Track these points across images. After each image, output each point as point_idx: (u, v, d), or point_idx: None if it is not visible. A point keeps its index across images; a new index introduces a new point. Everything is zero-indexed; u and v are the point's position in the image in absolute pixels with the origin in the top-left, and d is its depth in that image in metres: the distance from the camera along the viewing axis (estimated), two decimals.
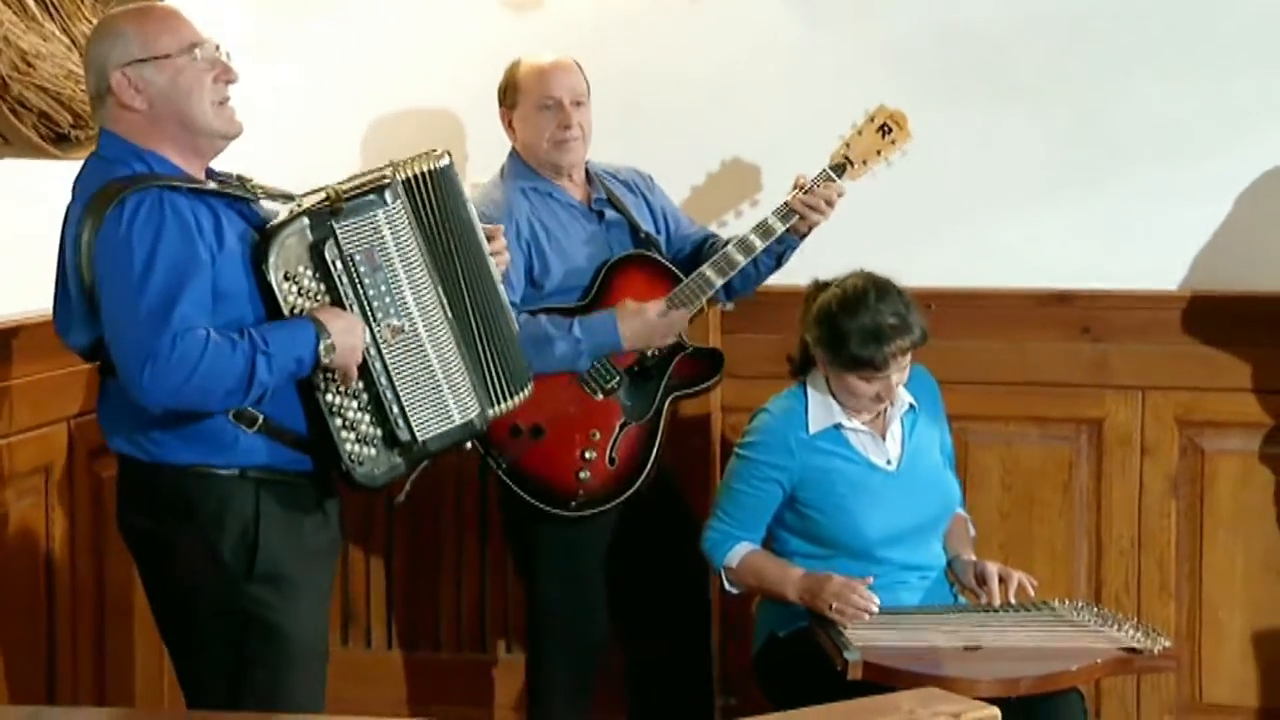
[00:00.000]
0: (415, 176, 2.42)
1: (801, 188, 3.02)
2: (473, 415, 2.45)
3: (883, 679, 2.49)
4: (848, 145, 3.03)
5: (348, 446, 2.37)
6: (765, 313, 3.22)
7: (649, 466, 3.00)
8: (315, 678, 2.40)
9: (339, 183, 2.38)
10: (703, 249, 3.14)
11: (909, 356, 2.74)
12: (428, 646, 3.62)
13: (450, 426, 2.42)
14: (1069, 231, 3.40)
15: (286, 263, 2.32)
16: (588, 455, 3.00)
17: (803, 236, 3.06)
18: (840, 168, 3.03)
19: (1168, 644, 2.60)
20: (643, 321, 2.97)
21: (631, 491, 3.00)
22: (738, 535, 2.83)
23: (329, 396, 2.36)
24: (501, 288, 2.57)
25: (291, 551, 2.36)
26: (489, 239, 2.56)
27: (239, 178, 2.43)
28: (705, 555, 2.86)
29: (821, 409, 2.81)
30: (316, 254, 2.33)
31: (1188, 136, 3.31)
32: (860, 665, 2.52)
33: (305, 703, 2.34)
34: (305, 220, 2.35)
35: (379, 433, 2.39)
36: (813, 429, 2.80)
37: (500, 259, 2.59)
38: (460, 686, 3.57)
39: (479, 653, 3.61)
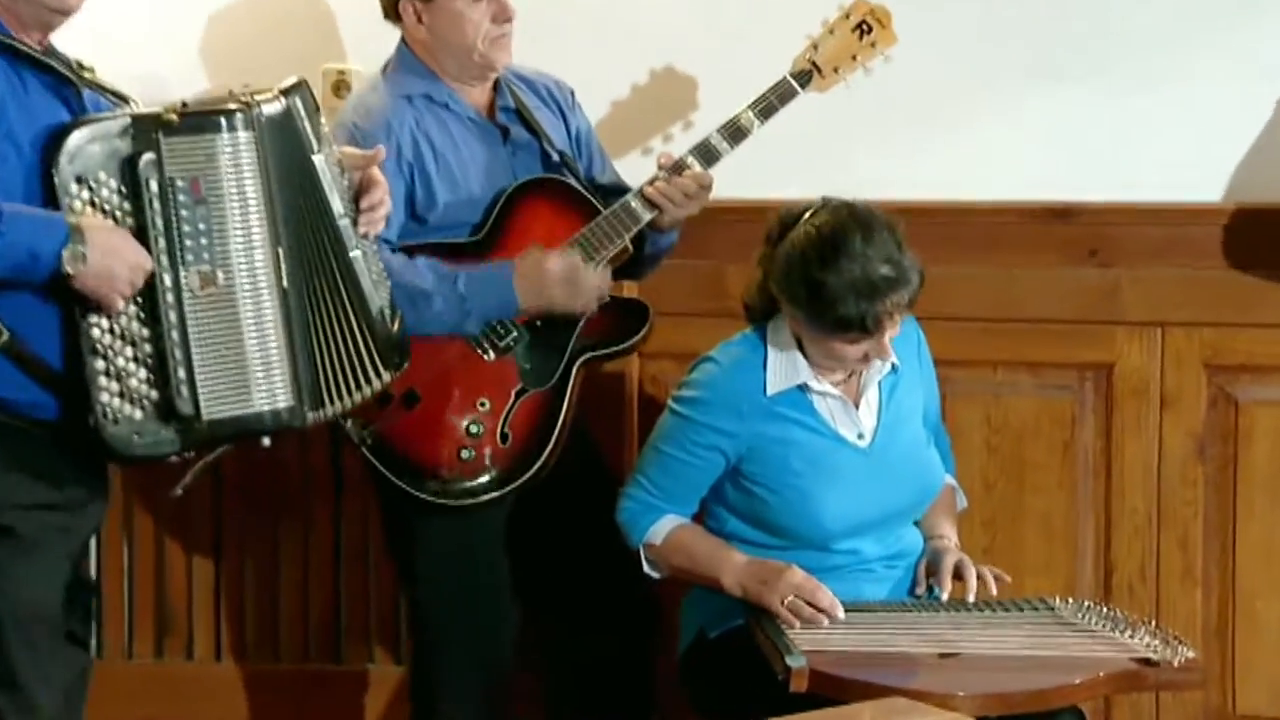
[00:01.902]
0: (280, 112, 2.53)
1: (662, 168, 3.05)
2: (281, 406, 2.54)
3: (833, 692, 2.53)
4: (815, 48, 3.06)
5: (105, 397, 2.45)
6: (693, 232, 3.24)
7: (551, 444, 3.04)
8: (38, 646, 2.57)
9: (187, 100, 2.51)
10: (608, 201, 3.17)
11: (903, 313, 2.76)
12: (266, 656, 3.69)
13: (246, 412, 2.53)
14: (1069, 132, 3.45)
15: (86, 165, 2.42)
16: (473, 429, 3.04)
17: (664, 233, 3.11)
18: (805, 76, 3.06)
19: (1191, 654, 2.63)
20: (549, 280, 3.01)
21: (529, 476, 3.05)
22: (663, 507, 2.88)
23: (95, 331, 2.44)
24: (364, 265, 2.64)
25: (16, 501, 2.50)
26: (365, 186, 2.65)
27: (78, 63, 2.53)
28: (620, 528, 2.90)
29: (784, 365, 2.82)
30: (129, 166, 2.44)
31: (1216, 10, 3.39)
32: (805, 674, 2.54)
33: (27, 670, 2.53)
34: (127, 123, 2.46)
35: (154, 394, 2.47)
36: (771, 389, 2.81)
37: (376, 214, 2.69)
38: (311, 704, 3.66)
39: (333, 663, 3.69)
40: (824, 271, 2.71)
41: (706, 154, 3.08)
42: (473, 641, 3.12)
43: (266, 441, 2.57)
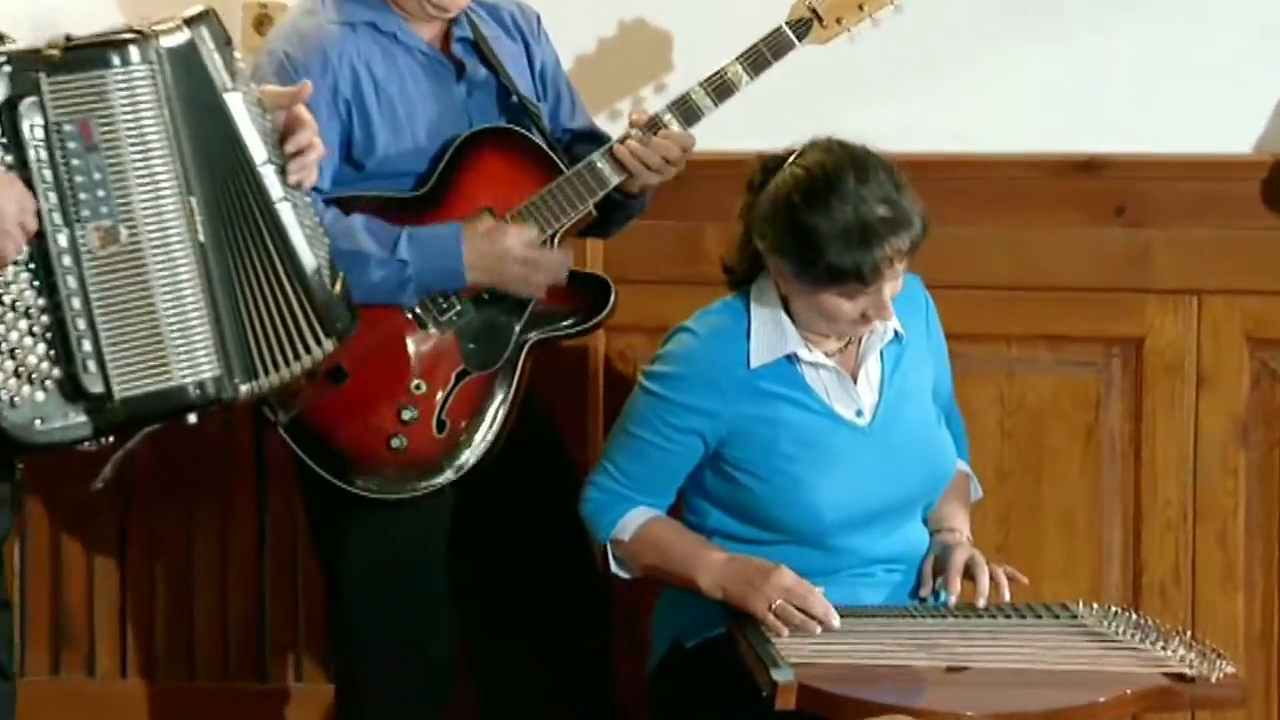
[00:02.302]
0: (183, 44, 2.47)
1: (635, 125, 3.00)
2: (205, 376, 2.47)
3: (826, 710, 2.51)
4: None
5: None
6: (667, 189, 3.18)
7: (494, 436, 3.01)
8: None
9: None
10: (575, 151, 3.12)
11: (905, 260, 2.73)
12: (178, 673, 3.65)
13: (166, 386, 2.45)
14: (1095, 74, 3.42)
15: None
16: (406, 415, 3.00)
17: (634, 198, 3.05)
18: (803, 25, 3.01)
19: (1230, 668, 2.62)
20: (502, 252, 2.97)
21: (467, 470, 3.01)
22: (634, 498, 2.85)
23: None
24: (294, 218, 2.59)
25: None
26: (290, 127, 2.59)
27: None
28: (585, 523, 2.88)
29: (769, 333, 2.81)
30: (7, 111, 2.37)
31: None
32: (793, 689, 2.52)
33: None
34: (2, 61, 2.39)
35: (56, 372, 2.41)
36: (755, 361, 2.80)
37: (307, 159, 2.61)
38: None
39: (255, 681, 3.64)
40: (813, 214, 2.68)
41: (687, 111, 3.01)
42: (405, 655, 3.10)
43: (193, 418, 2.49)
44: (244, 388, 2.53)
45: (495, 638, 3.24)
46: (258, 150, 2.56)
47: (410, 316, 3.01)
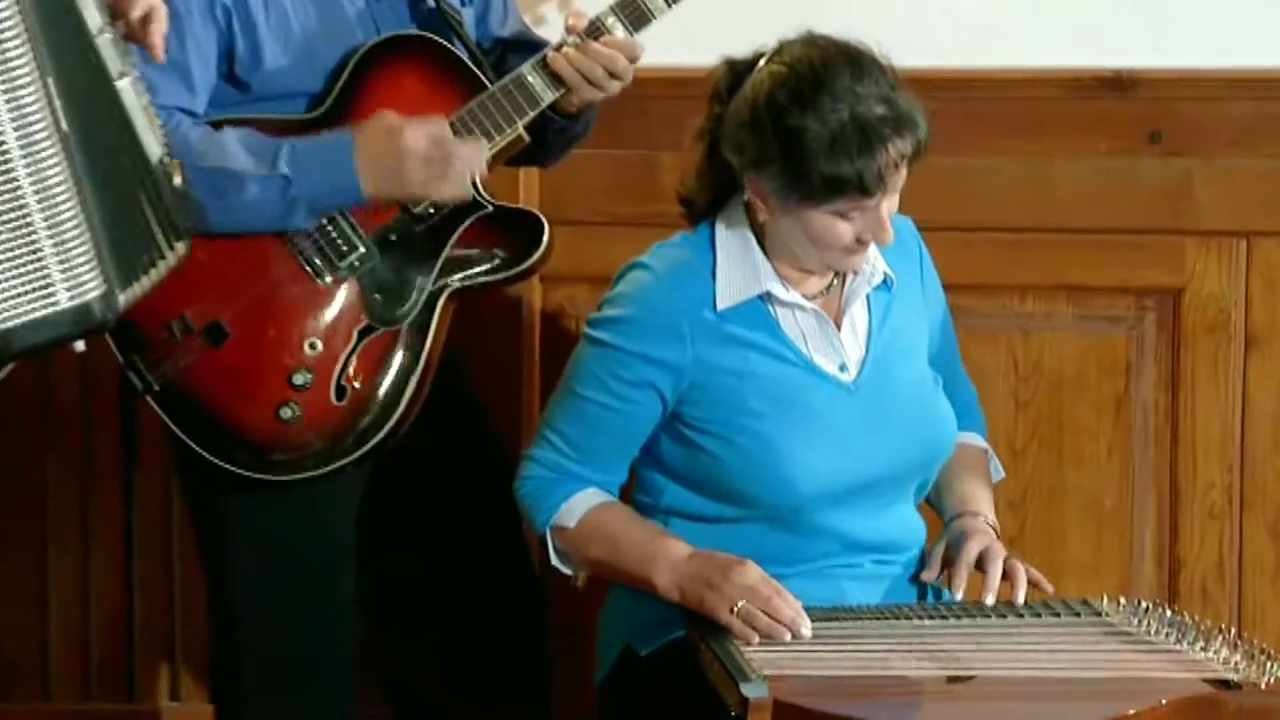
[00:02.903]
0: None
1: (573, 31, 3.02)
2: (91, 296, 2.43)
3: None
4: None
5: None
6: (613, 110, 3.13)
7: (405, 404, 3.02)
8: None
9: None
10: (507, 63, 3.14)
11: (905, 170, 2.74)
12: (31, 692, 3.64)
13: (50, 312, 2.41)
14: None
15: None
16: (299, 380, 2.98)
17: (574, 119, 3.07)
18: None
19: None
20: (403, 152, 2.95)
21: (372, 446, 3.02)
22: (581, 475, 2.85)
23: None
24: (134, 99, 2.56)
25: None
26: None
27: None
28: (521, 506, 2.89)
29: (740, 269, 2.81)
30: None
31: None
32: (767, 706, 2.49)
33: None
34: None
35: None
36: (723, 302, 2.80)
37: (151, 28, 2.56)
38: None
39: (120, 701, 3.63)
40: (804, 116, 2.68)
41: (634, 14, 3.02)
42: (301, 669, 3.09)
43: (80, 346, 2.45)
44: (123, 299, 2.49)
45: (410, 648, 3.26)
46: (92, 16, 2.50)
47: (303, 264, 2.99)
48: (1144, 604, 2.78)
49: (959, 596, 2.80)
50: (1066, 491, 3.46)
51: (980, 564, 2.82)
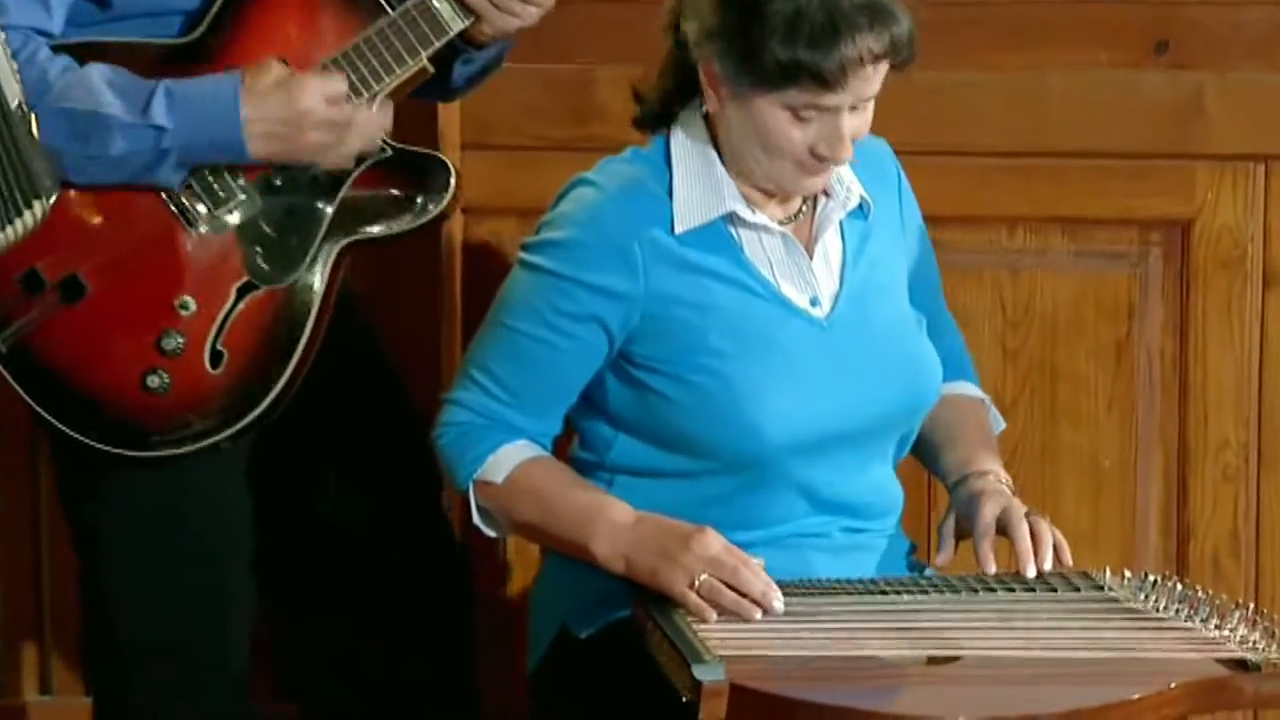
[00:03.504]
0: None
1: None
2: None
3: (766, 719, 2.52)
4: None
5: None
6: (543, 20, 3.06)
7: (290, 372, 3.01)
8: None
9: None
10: None
11: (883, 72, 2.75)
12: None
13: None
14: None
15: None
16: (169, 344, 2.98)
17: (484, 49, 3.07)
18: None
19: None
20: (294, 111, 2.96)
21: (252, 419, 3.01)
22: (512, 422, 2.86)
23: None
24: None
25: None
26: None
27: None
28: (440, 457, 2.89)
29: (699, 186, 2.83)
30: None
31: None
32: (724, 692, 2.49)
33: None
34: None
35: None
36: (681, 225, 2.81)
37: None
38: None
39: None
40: None
41: (459, 6, 3.02)
42: (187, 661, 3.10)
43: None
44: None
45: (312, 636, 3.26)
46: None
47: (174, 210, 2.97)
48: (1150, 577, 2.78)
49: (990, 570, 2.79)
50: (1061, 451, 3.46)
51: (1001, 529, 2.81)
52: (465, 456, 2.83)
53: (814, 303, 2.82)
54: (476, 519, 2.85)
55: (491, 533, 2.87)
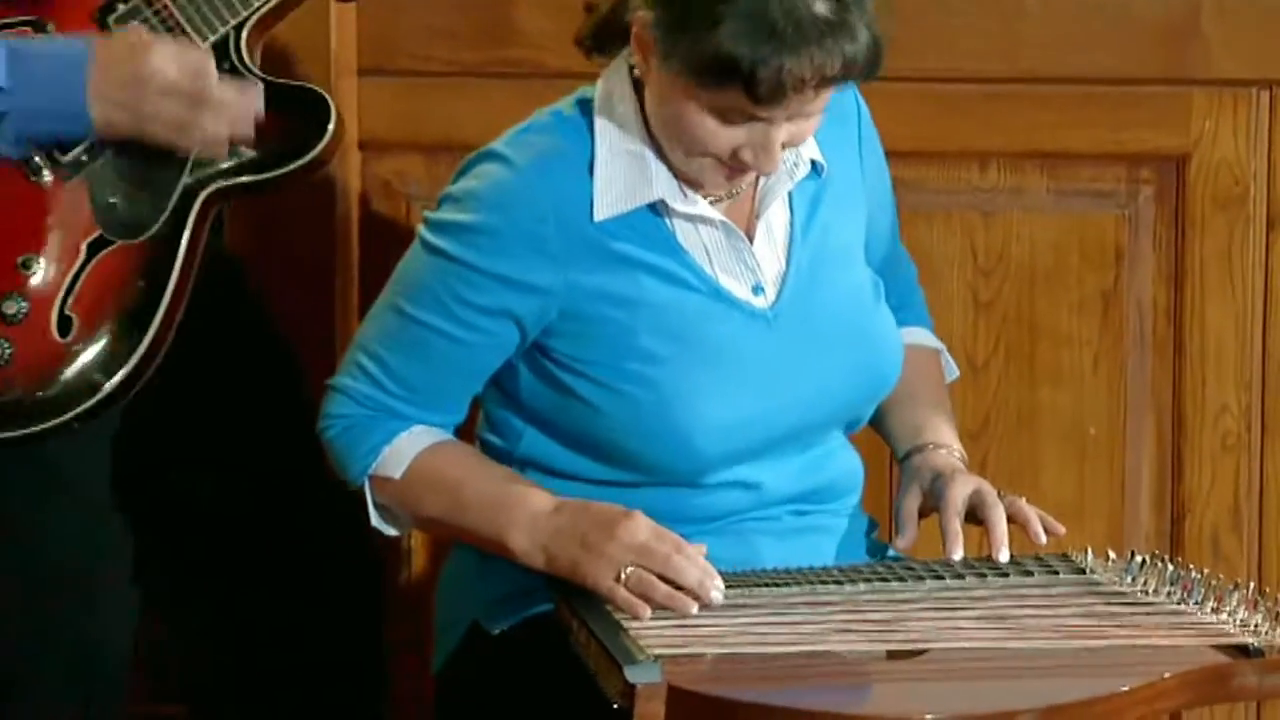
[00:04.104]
0: None
1: None
2: None
3: None
4: None
5: None
6: None
7: (152, 337, 3.00)
8: None
9: None
10: None
11: (824, 97, 2.74)
12: None
13: None
14: None
15: None
16: (9, 309, 2.98)
17: None
18: None
19: None
20: (146, 82, 2.96)
21: (109, 392, 2.99)
22: (407, 414, 2.87)
23: None
24: None
25: None
26: None
27: None
28: (329, 452, 2.89)
29: (625, 167, 2.83)
30: None
31: None
32: (660, 695, 2.48)
33: None
34: None
35: None
36: (603, 209, 2.80)
37: None
38: None
39: None
40: None
41: None
42: (56, 663, 3.11)
43: None
44: None
45: (200, 634, 3.26)
46: None
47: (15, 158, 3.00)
48: (1138, 558, 2.79)
49: (958, 555, 2.79)
50: (1041, 416, 3.47)
51: (973, 514, 2.81)
52: (356, 451, 2.84)
53: (757, 291, 2.82)
54: (375, 518, 2.85)
55: (393, 531, 2.87)
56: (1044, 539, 2.82)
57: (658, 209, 2.80)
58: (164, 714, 3.29)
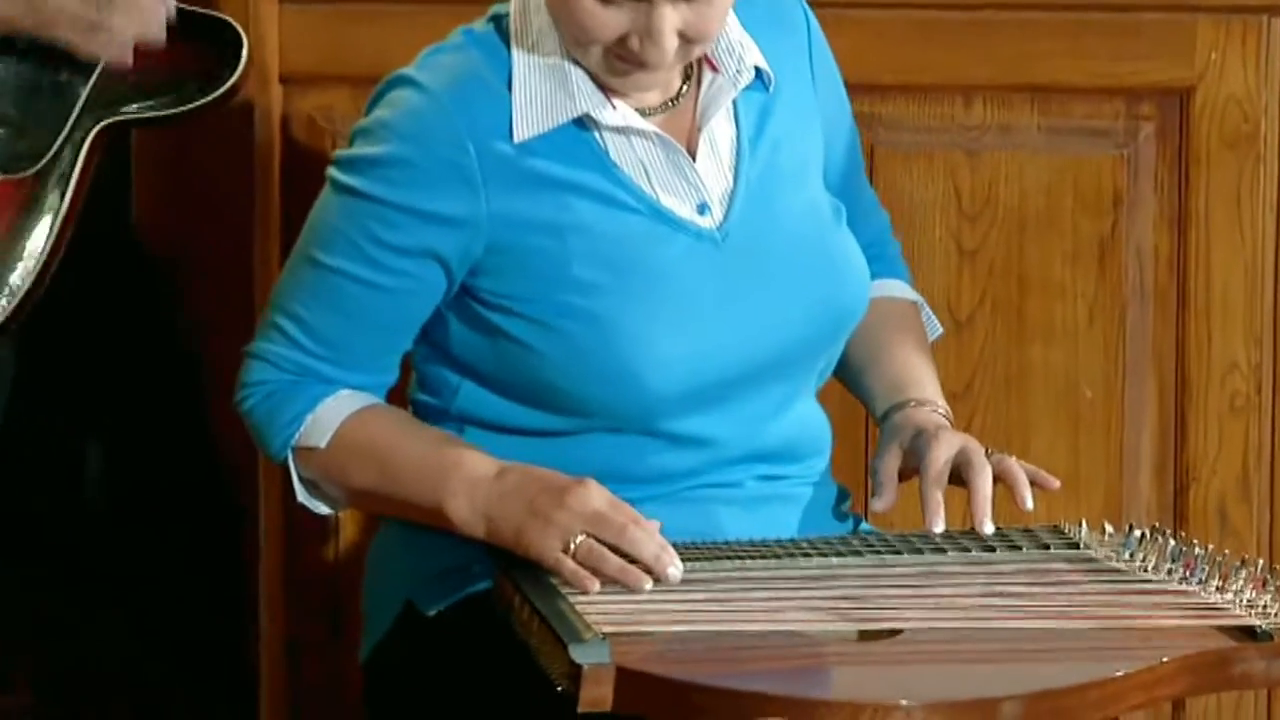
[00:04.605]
0: None
1: None
2: None
3: (662, 709, 2.50)
4: None
5: None
6: None
7: (32, 278, 3.01)
8: None
9: None
10: None
11: None
12: None
13: None
14: None
15: None
16: None
17: None
18: None
19: None
20: None
21: None
22: (330, 377, 2.87)
23: None
24: None
25: None
26: None
27: None
28: (247, 422, 2.89)
29: (543, 79, 2.84)
30: None
31: None
32: (609, 676, 2.48)
33: None
34: None
35: None
36: (523, 130, 2.82)
37: None
38: None
39: None
40: None
41: None
42: None
43: None
44: None
45: (71, 621, 3.35)
46: None
47: None
48: (1136, 531, 2.79)
49: (939, 529, 2.78)
50: (1031, 376, 3.48)
51: (957, 474, 2.81)
52: (277, 420, 2.83)
53: (702, 210, 2.82)
54: (301, 495, 2.86)
55: (323, 509, 2.87)
56: (1029, 504, 2.81)
57: (585, 124, 2.80)
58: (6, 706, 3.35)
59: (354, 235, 2.79)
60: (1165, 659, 2.53)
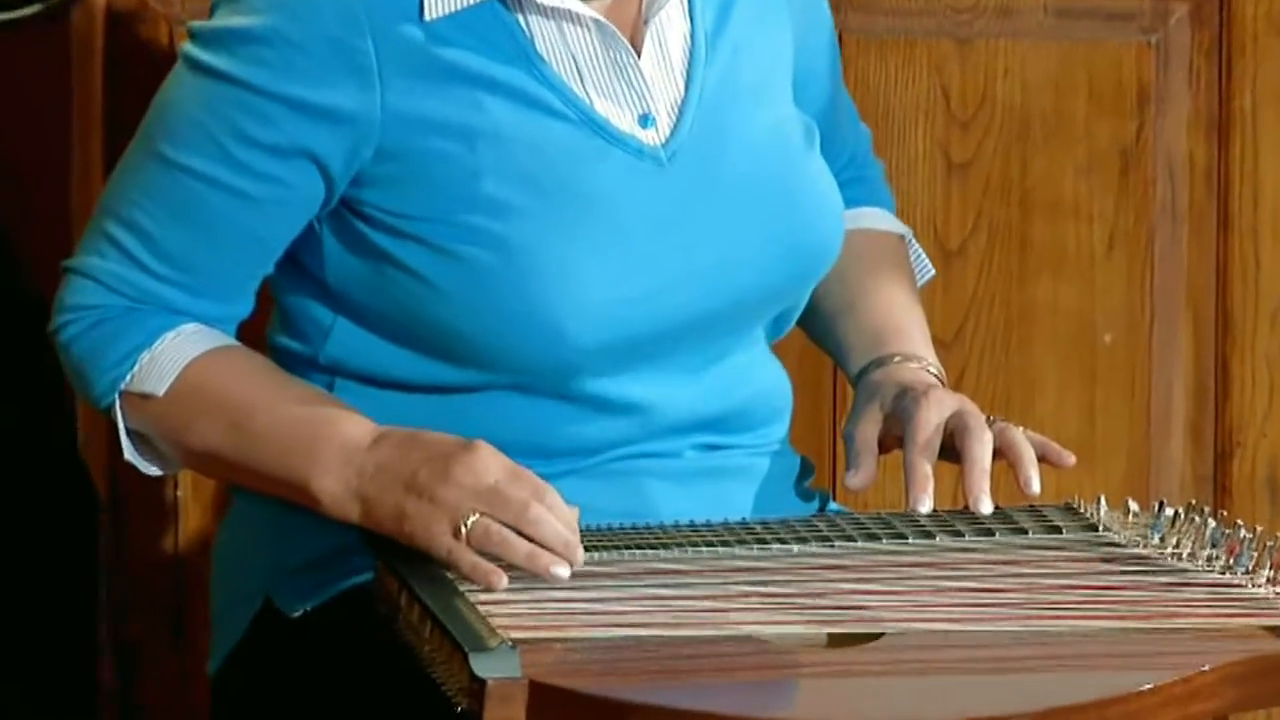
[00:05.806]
0: None
1: None
2: None
3: None
4: None
5: None
6: None
7: None
8: None
9: None
10: None
11: None
12: None
13: None
14: None
15: None
16: None
17: None
18: None
19: None
20: None
21: None
22: (174, 304, 2.86)
23: None
24: None
25: None
26: None
27: None
28: (65, 361, 2.89)
29: None
30: None
31: None
32: (519, 694, 2.47)
33: None
34: None
35: None
36: (434, 6, 2.82)
37: None
38: None
39: None
40: None
41: None
42: None
43: None
44: None
45: None
46: None
47: None
48: (1168, 509, 2.80)
49: (924, 508, 2.78)
50: (1037, 318, 3.56)
51: (950, 442, 2.81)
52: (105, 356, 2.82)
53: (645, 122, 2.81)
54: (128, 451, 2.83)
55: (153, 469, 2.85)
56: (1035, 487, 2.81)
57: (510, 4, 2.81)
58: None
59: (213, 128, 2.78)
60: (1205, 667, 2.51)
